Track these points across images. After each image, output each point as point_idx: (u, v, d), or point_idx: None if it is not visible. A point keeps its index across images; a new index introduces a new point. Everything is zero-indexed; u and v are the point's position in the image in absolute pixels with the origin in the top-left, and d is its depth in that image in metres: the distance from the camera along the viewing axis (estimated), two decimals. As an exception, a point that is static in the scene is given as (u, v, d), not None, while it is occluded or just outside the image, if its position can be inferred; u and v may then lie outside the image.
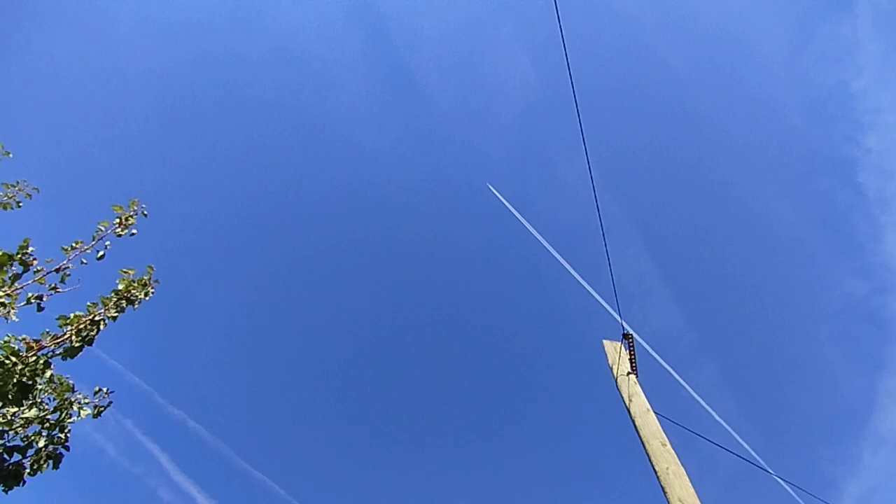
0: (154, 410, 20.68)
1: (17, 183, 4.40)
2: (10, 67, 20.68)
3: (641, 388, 5.38)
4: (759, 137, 26.02)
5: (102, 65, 22.85)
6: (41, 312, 4.59)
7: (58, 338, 4.47)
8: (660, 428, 4.65)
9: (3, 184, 4.32)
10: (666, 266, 26.62)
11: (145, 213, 4.72)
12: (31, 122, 21.22)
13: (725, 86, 26.11)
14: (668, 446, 4.41)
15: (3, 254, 4.08)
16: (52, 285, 4.46)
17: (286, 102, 25.72)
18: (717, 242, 26.93)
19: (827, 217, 25.81)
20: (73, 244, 4.39)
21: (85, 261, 4.43)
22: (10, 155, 4.40)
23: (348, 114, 26.48)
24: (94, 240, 4.46)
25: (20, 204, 4.41)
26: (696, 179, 27.23)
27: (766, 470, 6.88)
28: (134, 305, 4.84)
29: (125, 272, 4.64)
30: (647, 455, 4.43)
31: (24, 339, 4.34)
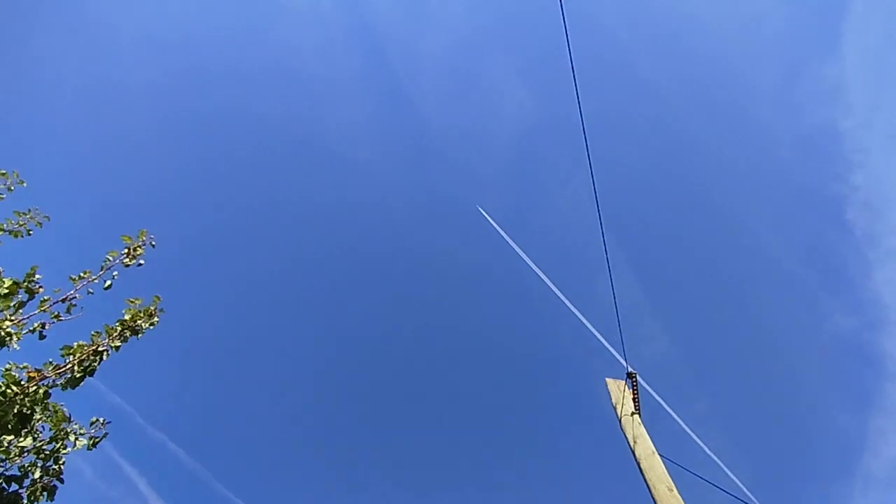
0: (134, 432, 20.18)
1: (29, 211, 4.40)
2: (17, 96, 20.87)
3: (646, 428, 5.35)
4: (749, 172, 26.54)
5: (106, 86, 23.06)
6: (42, 340, 4.55)
7: (59, 368, 4.42)
8: (666, 472, 4.62)
9: (14, 212, 4.33)
10: (657, 298, 26.68)
11: (153, 243, 4.72)
12: (43, 147, 21.28)
13: (718, 121, 26.75)
14: (675, 492, 4.37)
15: (12, 282, 4.06)
16: (56, 313, 4.43)
17: (284, 120, 25.95)
18: (707, 275, 27.05)
19: (816, 252, 26.14)
20: (81, 274, 4.38)
21: (92, 290, 4.41)
22: (25, 184, 4.42)
23: (345, 132, 26.73)
24: (102, 269, 4.45)
25: (30, 232, 4.41)
26: (687, 212, 27.56)
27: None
28: (138, 335, 4.80)
29: (132, 301, 4.62)
30: (654, 500, 4.38)
31: (25, 367, 4.29)
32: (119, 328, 4.64)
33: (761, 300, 26.28)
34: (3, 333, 3.87)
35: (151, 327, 4.89)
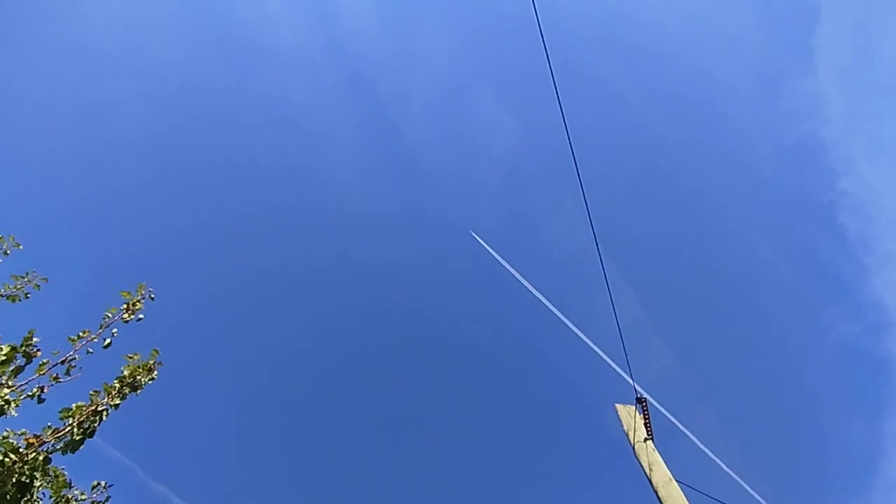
0: (135, 486, 19.58)
1: (27, 274, 4.39)
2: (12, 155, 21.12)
3: (660, 454, 5.24)
4: (739, 186, 26.97)
5: (99, 143, 23.37)
6: (41, 404, 4.47)
7: (59, 431, 4.32)
8: (685, 499, 4.50)
9: (11, 276, 4.32)
10: (658, 315, 26.62)
11: (153, 296, 4.70)
12: (36, 207, 21.38)
13: (703, 139, 27.31)
14: (696, 520, 4.25)
15: (10, 348, 4.01)
16: (55, 375, 4.36)
17: (279, 168, 26.29)
18: (706, 289, 27.16)
19: (812, 260, 26.34)
20: (80, 334, 4.34)
21: (91, 350, 4.36)
22: (21, 247, 4.43)
23: (340, 176, 27.10)
24: (101, 327, 4.41)
25: (28, 295, 4.39)
26: (681, 228, 27.90)
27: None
28: (137, 392, 4.72)
29: (131, 357, 4.56)
30: (675, 530, 4.25)
31: (23, 433, 4.19)
32: (118, 385, 4.56)
33: (763, 311, 26.33)
34: (0, 402, 3.79)
35: (151, 381, 4.82)
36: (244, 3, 25.60)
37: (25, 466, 4.09)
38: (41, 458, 4.20)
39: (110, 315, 4.46)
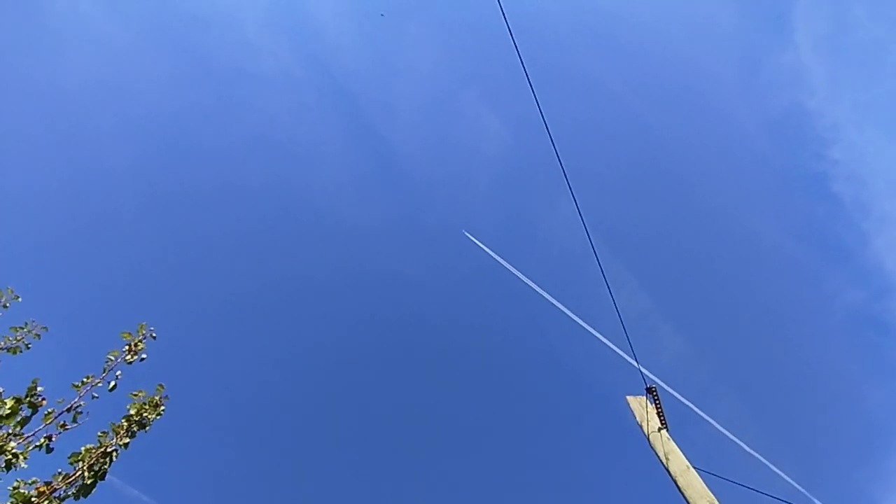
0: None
1: (26, 324, 4.38)
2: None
3: (676, 442, 5.22)
4: (730, 165, 27.01)
5: (87, 173, 23.32)
6: (50, 454, 4.44)
7: (70, 477, 4.29)
8: (705, 486, 4.47)
9: (11, 328, 4.30)
10: (664, 301, 26.55)
11: (154, 335, 4.68)
12: (31, 255, 21.32)
13: (688, 121, 27.37)
14: (718, 506, 4.22)
15: (14, 400, 3.99)
16: (62, 423, 4.33)
17: (269, 188, 26.21)
18: (709, 271, 27.11)
19: (811, 231, 26.32)
20: (84, 379, 4.32)
21: (96, 395, 4.34)
22: (20, 299, 4.42)
23: (330, 192, 27.08)
24: (104, 371, 4.39)
25: (29, 346, 4.37)
26: (678, 213, 27.86)
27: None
28: (146, 429, 4.69)
29: (136, 395, 4.54)
30: (698, 518, 4.22)
31: (34, 482, 4.16)
32: (126, 424, 4.54)
33: (767, 287, 26.26)
34: (9, 456, 3.77)
35: (158, 417, 4.79)
36: (220, 25, 25.58)
37: (40, 516, 4.06)
38: (55, 506, 4.18)
39: (113, 358, 4.45)
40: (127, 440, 4.56)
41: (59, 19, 23.15)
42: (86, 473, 4.31)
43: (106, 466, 4.47)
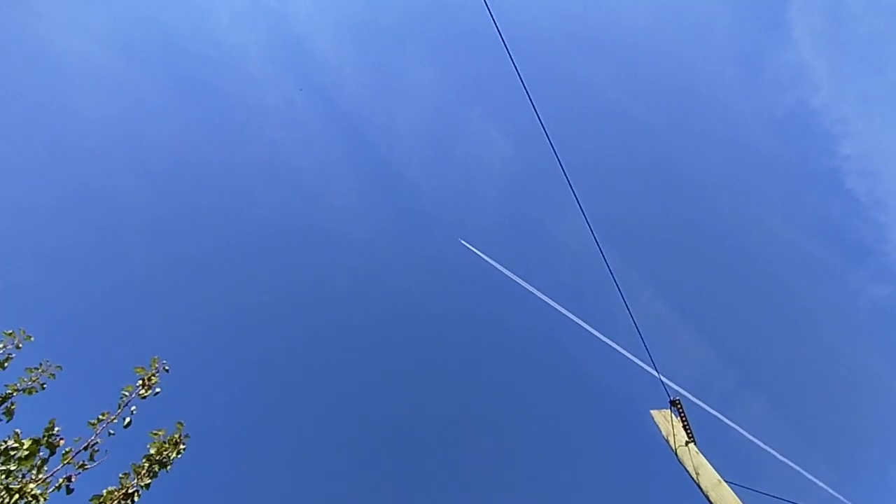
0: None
1: (41, 365, 4.37)
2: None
3: (705, 455, 5.05)
4: (741, 170, 26.64)
5: (90, 207, 23.44)
6: (70, 494, 4.39)
7: (92, 519, 4.24)
8: (738, 500, 4.31)
9: (26, 369, 4.30)
10: (684, 306, 26.06)
11: (167, 368, 4.66)
12: (38, 293, 21.48)
13: (694, 125, 27.21)
14: (754, 521, 4.05)
15: (32, 441, 3.97)
16: (81, 462, 4.29)
17: (276, 216, 26.22)
18: (728, 273, 26.54)
19: (828, 229, 25.86)
20: (100, 416, 4.29)
21: (112, 431, 4.30)
22: (32, 338, 4.42)
23: (339, 216, 27.01)
24: (119, 407, 4.36)
25: (44, 386, 4.37)
26: (692, 214, 27.44)
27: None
28: (167, 468, 4.64)
29: (155, 434, 4.50)
30: (734, 535, 4.06)
31: (55, 526, 4.12)
32: (146, 464, 4.49)
33: (790, 288, 25.68)
34: (29, 498, 3.73)
35: (179, 456, 4.74)
36: (220, 62, 26.00)
37: (61, 561, 4.01)
38: (76, 550, 4.12)
39: (127, 393, 4.42)
40: (148, 480, 4.50)
41: (70, 62, 23.69)
42: (107, 515, 4.26)
43: (127, 507, 4.42)
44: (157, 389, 4.57)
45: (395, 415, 24.37)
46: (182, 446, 4.59)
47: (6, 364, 4.37)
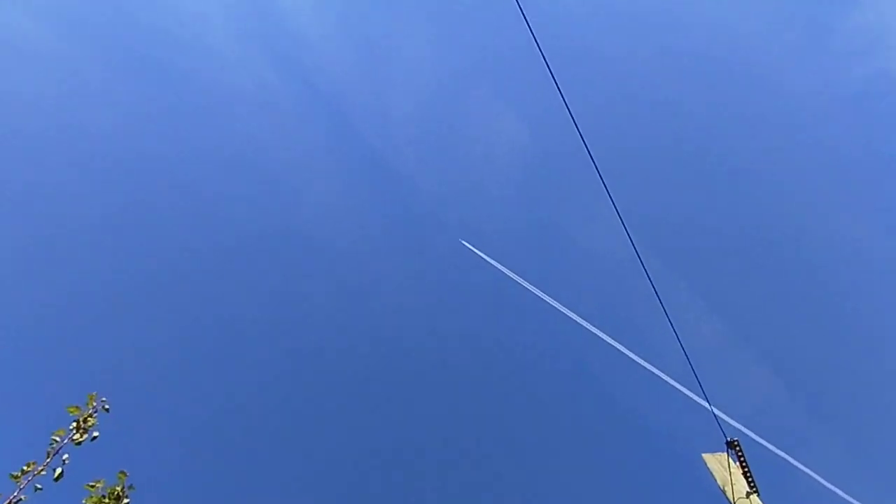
0: None
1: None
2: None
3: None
4: (809, 154, 22.95)
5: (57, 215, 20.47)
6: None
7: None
8: None
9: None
10: (740, 324, 21.88)
11: (107, 407, 3.97)
12: None
13: (753, 110, 23.76)
14: None
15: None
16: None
17: (247, 219, 23.03)
18: (794, 286, 22.16)
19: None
20: (25, 467, 3.62)
21: (40, 486, 3.62)
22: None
23: (325, 213, 23.84)
24: (48, 456, 3.68)
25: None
26: (748, 216, 23.41)
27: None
28: (109, 528, 3.94)
29: (92, 486, 3.79)
30: None
31: None
32: (82, 524, 3.81)
33: (870, 302, 21.26)
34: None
35: (124, 508, 4.05)
36: (178, 37, 22.57)
37: None
38: None
39: (58, 439, 3.74)
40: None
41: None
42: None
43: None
44: (95, 433, 3.91)
45: (417, 424, 21.45)
46: (126, 500, 3.89)
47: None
